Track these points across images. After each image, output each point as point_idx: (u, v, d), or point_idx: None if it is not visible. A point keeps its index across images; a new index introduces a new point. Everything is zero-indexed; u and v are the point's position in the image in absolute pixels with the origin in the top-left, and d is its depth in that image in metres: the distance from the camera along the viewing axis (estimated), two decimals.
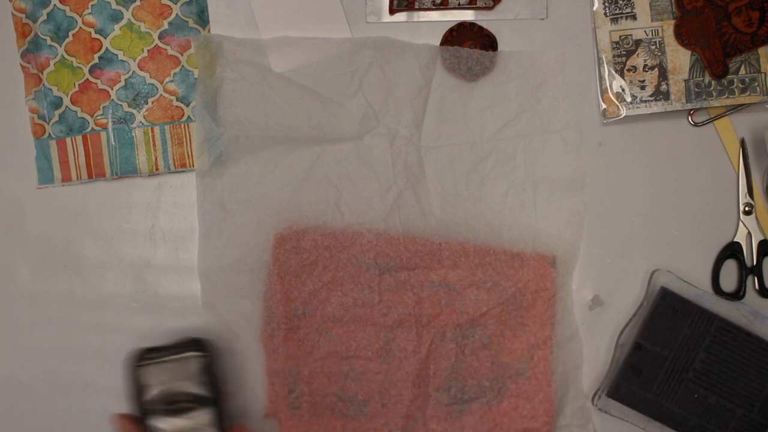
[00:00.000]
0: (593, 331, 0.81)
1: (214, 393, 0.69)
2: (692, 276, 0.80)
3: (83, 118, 0.81)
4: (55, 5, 0.80)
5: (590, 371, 0.80)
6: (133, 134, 0.81)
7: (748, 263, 0.80)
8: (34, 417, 0.82)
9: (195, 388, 0.68)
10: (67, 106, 0.81)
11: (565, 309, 0.80)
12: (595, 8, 0.81)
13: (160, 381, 0.68)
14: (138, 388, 0.68)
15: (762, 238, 0.80)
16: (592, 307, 0.81)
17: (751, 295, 0.80)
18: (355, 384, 0.79)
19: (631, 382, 0.78)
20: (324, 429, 0.78)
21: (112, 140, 0.81)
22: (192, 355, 0.69)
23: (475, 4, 0.81)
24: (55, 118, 0.81)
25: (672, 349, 0.77)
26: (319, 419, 0.78)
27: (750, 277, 0.80)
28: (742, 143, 0.81)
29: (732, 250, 0.80)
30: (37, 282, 0.82)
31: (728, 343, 0.77)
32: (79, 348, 0.81)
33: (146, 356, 0.68)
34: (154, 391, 0.68)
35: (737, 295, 0.80)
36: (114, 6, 0.80)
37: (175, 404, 0.68)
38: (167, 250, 0.82)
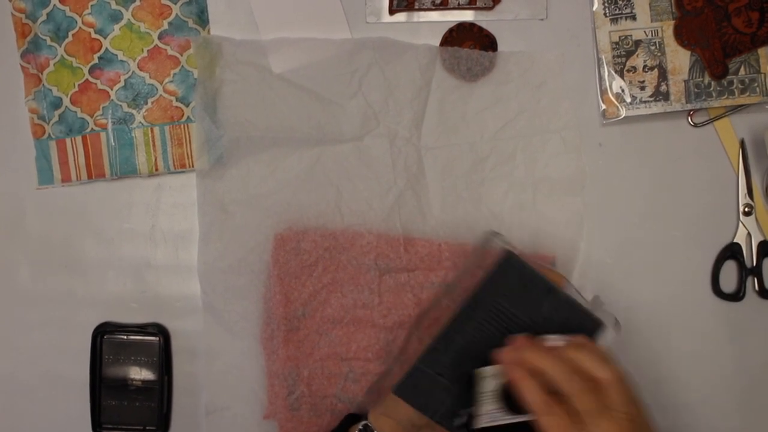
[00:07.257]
0: None
1: None
2: (692, 276, 0.80)
3: (83, 118, 0.81)
4: (54, 5, 0.80)
5: None
6: (133, 135, 0.81)
7: (748, 264, 0.80)
8: (34, 417, 0.82)
9: None
10: (66, 107, 0.81)
11: None
12: (594, 8, 0.81)
13: None
14: None
15: (762, 239, 0.80)
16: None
17: (751, 296, 0.80)
18: (355, 385, 0.79)
19: None
20: (324, 430, 0.78)
21: (112, 141, 0.81)
22: None
23: (475, 4, 0.81)
24: (55, 119, 0.81)
25: None
26: (318, 420, 0.78)
27: (750, 278, 0.80)
28: (742, 144, 0.80)
29: (732, 251, 0.80)
30: (37, 282, 0.82)
31: None
32: (79, 348, 0.81)
33: None
34: None
35: (737, 296, 0.80)
36: (114, 6, 0.80)
37: None
38: (167, 250, 0.82)
